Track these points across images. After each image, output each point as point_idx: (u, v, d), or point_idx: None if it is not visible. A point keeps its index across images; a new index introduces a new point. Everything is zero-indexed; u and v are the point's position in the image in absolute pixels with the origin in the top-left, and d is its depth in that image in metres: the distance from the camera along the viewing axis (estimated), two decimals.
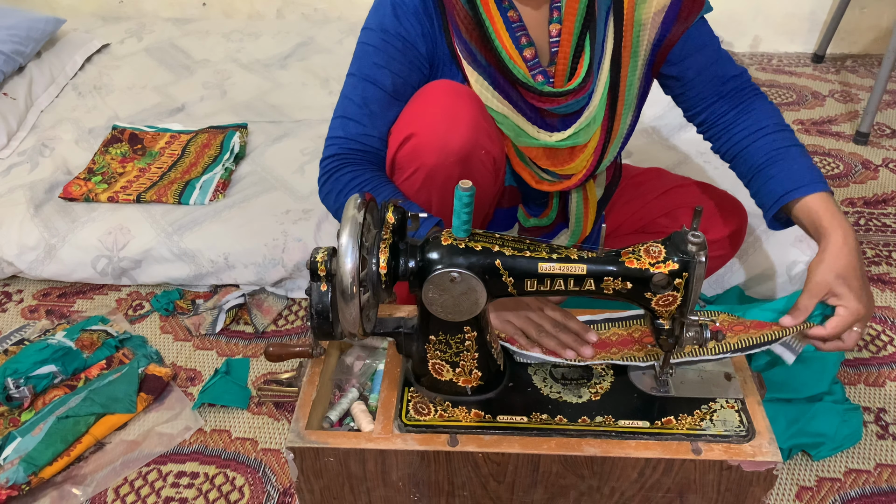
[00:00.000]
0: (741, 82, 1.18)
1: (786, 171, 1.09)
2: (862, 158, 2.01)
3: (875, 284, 1.58)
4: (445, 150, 1.04)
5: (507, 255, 0.88)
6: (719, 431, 0.92)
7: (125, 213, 1.60)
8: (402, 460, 0.93)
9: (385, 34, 1.09)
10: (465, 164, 1.05)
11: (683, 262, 0.87)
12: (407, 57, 1.09)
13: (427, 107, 1.06)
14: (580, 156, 1.16)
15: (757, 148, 1.13)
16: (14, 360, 1.32)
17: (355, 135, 1.10)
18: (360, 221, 0.83)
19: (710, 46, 1.16)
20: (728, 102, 1.17)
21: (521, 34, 1.08)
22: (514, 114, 1.11)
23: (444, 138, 1.03)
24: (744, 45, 2.66)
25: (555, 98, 1.09)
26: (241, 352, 1.45)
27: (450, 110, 1.04)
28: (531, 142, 1.13)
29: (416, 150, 1.05)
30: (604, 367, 1.02)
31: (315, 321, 0.88)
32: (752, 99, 1.17)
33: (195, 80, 2.21)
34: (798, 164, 1.09)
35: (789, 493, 1.17)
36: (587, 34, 1.09)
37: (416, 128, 1.05)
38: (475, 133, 1.04)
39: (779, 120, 1.15)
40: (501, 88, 1.10)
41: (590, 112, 1.13)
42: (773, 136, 1.13)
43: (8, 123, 1.93)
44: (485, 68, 1.09)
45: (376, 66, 1.10)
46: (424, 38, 1.09)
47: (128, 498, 1.18)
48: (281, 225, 1.55)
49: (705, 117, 1.20)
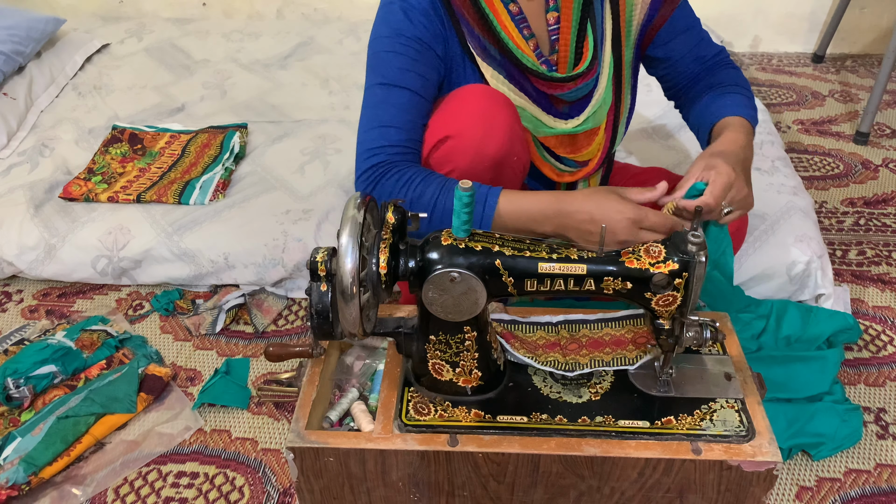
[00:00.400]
0: (720, 59, 1.27)
1: (719, 102, 1.19)
2: (862, 158, 2.01)
3: (875, 284, 1.58)
4: (481, 154, 1.05)
5: (507, 255, 0.88)
6: (719, 431, 0.92)
7: (125, 213, 1.60)
8: (402, 460, 0.93)
9: (402, 38, 1.08)
10: (497, 170, 1.06)
11: (683, 262, 0.87)
12: (426, 57, 1.10)
13: (463, 109, 1.07)
14: (595, 139, 1.19)
15: (705, 92, 1.23)
16: (14, 360, 1.32)
17: (399, 140, 1.08)
18: (360, 221, 0.83)
19: (694, 28, 1.24)
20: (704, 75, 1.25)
21: (524, 26, 1.11)
22: (531, 105, 1.13)
23: (481, 143, 1.04)
24: (744, 45, 2.66)
25: (564, 83, 1.11)
26: (241, 352, 1.45)
27: (487, 115, 1.05)
28: (549, 131, 1.15)
29: (451, 152, 1.06)
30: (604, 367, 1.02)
31: (315, 321, 0.88)
32: (726, 68, 1.26)
33: (195, 80, 2.21)
34: (732, 99, 1.19)
35: (789, 493, 1.17)
36: (587, 19, 1.12)
37: (452, 130, 1.06)
38: (510, 140, 1.06)
39: (738, 81, 1.24)
40: (516, 80, 1.12)
41: (599, 94, 1.16)
42: (725, 87, 1.22)
43: (8, 123, 1.93)
44: (499, 62, 1.10)
45: (402, 71, 1.09)
46: (437, 38, 1.10)
47: (128, 498, 1.18)
48: (281, 225, 1.55)
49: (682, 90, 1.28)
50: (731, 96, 1.20)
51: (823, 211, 1.81)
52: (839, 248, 1.68)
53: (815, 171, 1.96)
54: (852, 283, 1.58)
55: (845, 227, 1.75)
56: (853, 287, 1.57)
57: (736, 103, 1.18)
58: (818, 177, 1.94)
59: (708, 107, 1.20)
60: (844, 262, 1.64)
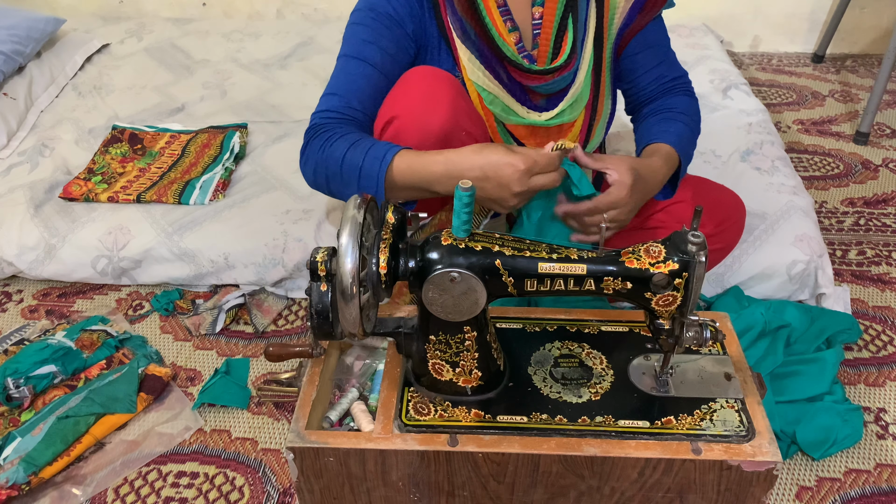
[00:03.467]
0: (680, 83, 1.28)
1: (661, 126, 1.21)
2: (862, 158, 2.01)
3: (875, 284, 1.58)
4: (426, 130, 1.06)
5: (507, 255, 0.88)
6: (719, 431, 0.92)
7: (125, 213, 1.60)
8: (402, 460, 0.93)
9: (373, 12, 1.13)
10: (445, 145, 1.07)
11: (683, 262, 0.87)
12: (395, 34, 1.13)
13: (407, 91, 1.09)
14: (567, 136, 1.20)
15: (654, 114, 1.25)
16: (14, 360, 1.32)
17: (337, 106, 1.12)
18: (360, 221, 0.83)
19: (662, 46, 1.25)
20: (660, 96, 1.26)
21: (507, 18, 1.12)
22: (503, 92, 1.15)
23: (424, 118, 1.06)
24: (744, 45, 2.66)
25: (541, 76, 1.12)
26: (241, 352, 1.45)
27: (428, 92, 1.07)
28: (519, 120, 1.16)
29: (398, 132, 1.08)
30: (604, 367, 1.02)
31: (315, 321, 0.88)
32: (681, 94, 1.26)
33: (195, 80, 2.21)
34: (675, 126, 1.21)
35: (789, 493, 1.17)
36: (569, 15, 1.13)
37: (396, 111, 1.08)
38: (454, 113, 1.07)
39: (688, 111, 1.25)
40: (491, 66, 1.13)
41: (575, 89, 1.17)
42: (674, 111, 1.24)
43: (8, 123, 1.93)
44: (476, 44, 1.12)
45: (364, 43, 1.13)
46: (412, 17, 1.13)
47: (128, 498, 1.18)
48: (281, 225, 1.55)
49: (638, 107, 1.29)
50: (674, 124, 1.22)
51: (823, 211, 1.81)
52: (839, 248, 1.68)
53: (815, 171, 1.96)
54: (852, 283, 1.58)
55: (845, 227, 1.75)
56: (853, 287, 1.57)
57: (675, 132, 1.20)
58: (818, 177, 1.94)
59: (650, 128, 1.23)
60: (844, 262, 1.64)
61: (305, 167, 1.13)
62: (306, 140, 1.12)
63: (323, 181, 1.11)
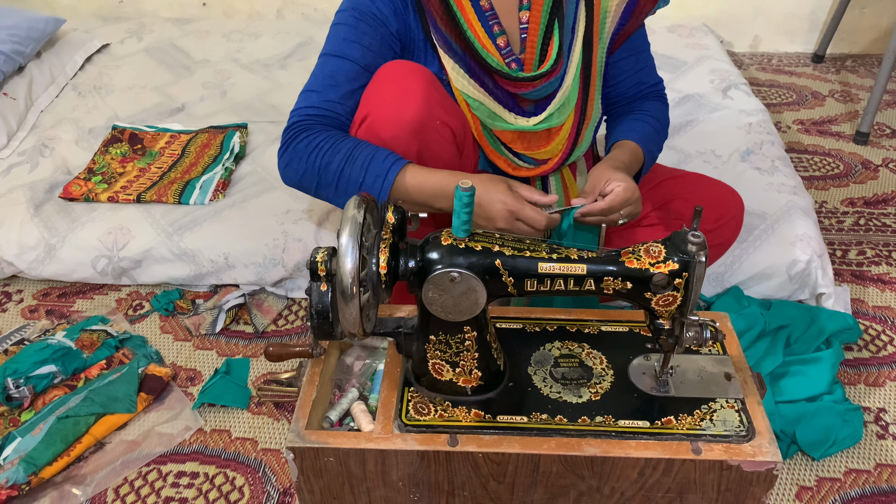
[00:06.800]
0: (656, 90, 1.31)
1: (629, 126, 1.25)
2: (862, 158, 2.01)
3: (875, 284, 1.58)
4: (400, 121, 1.07)
5: (507, 255, 0.88)
6: (719, 431, 0.92)
7: (125, 213, 1.60)
8: (402, 460, 0.93)
9: (356, 12, 1.13)
10: (421, 135, 1.08)
11: (683, 262, 0.87)
12: (378, 32, 1.13)
13: (380, 86, 1.10)
14: (555, 139, 1.20)
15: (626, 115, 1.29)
16: (14, 360, 1.32)
17: (317, 103, 1.13)
18: (360, 221, 0.83)
19: (644, 52, 1.28)
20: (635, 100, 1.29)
21: (494, 22, 1.13)
22: (489, 100, 1.15)
23: (397, 110, 1.07)
24: (744, 45, 2.66)
25: (528, 83, 1.13)
26: (241, 352, 1.45)
27: (400, 85, 1.08)
28: (506, 126, 1.17)
29: (373, 126, 1.09)
30: (604, 367, 1.02)
31: (315, 321, 0.88)
32: (655, 100, 1.30)
33: (195, 80, 2.21)
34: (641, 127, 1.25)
35: (789, 493, 1.17)
36: (555, 20, 1.13)
37: (370, 107, 1.09)
38: (427, 104, 1.08)
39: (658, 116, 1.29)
40: (476, 76, 1.14)
41: (563, 93, 1.17)
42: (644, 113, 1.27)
43: (8, 123, 1.93)
44: (460, 56, 1.13)
45: (346, 42, 1.13)
46: (396, 16, 1.13)
47: (128, 498, 1.18)
48: (281, 225, 1.55)
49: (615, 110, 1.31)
50: (642, 125, 1.26)
51: (823, 211, 1.81)
52: (839, 248, 1.68)
53: (815, 171, 1.96)
54: (852, 283, 1.58)
55: (845, 227, 1.75)
56: (853, 287, 1.57)
57: (642, 132, 1.25)
58: (818, 177, 1.94)
59: (618, 126, 1.27)
60: (844, 262, 1.64)
61: (287, 169, 1.14)
62: (286, 140, 1.12)
63: (311, 186, 1.13)
